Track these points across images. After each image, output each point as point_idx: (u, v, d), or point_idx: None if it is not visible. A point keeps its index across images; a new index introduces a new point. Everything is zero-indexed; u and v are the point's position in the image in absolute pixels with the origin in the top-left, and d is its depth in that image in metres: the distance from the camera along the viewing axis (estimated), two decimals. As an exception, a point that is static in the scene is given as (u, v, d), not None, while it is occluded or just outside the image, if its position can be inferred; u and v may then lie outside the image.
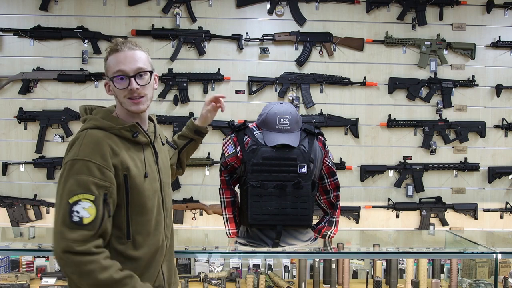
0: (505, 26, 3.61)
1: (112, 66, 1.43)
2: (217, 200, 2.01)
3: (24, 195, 3.42)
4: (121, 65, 1.41)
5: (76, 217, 1.29)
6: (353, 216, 3.51)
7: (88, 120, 1.43)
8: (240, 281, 2.58)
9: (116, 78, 1.42)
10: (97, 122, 1.41)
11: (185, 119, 3.42)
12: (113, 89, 1.45)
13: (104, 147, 1.36)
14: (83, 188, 1.31)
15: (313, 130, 1.95)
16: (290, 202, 1.87)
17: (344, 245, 2.19)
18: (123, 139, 1.43)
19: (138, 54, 1.44)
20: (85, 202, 1.30)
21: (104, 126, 1.41)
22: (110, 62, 1.44)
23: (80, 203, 1.30)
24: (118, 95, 1.44)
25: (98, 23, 3.45)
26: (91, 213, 1.30)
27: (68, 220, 1.29)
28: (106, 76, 1.47)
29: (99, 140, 1.37)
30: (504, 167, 3.59)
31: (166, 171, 1.60)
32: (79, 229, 1.29)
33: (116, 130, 1.41)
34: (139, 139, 1.46)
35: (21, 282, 2.55)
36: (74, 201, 1.30)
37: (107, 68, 1.45)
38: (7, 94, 3.42)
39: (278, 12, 3.51)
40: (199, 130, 1.84)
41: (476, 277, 2.58)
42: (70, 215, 1.29)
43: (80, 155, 1.33)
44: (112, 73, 1.43)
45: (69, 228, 1.28)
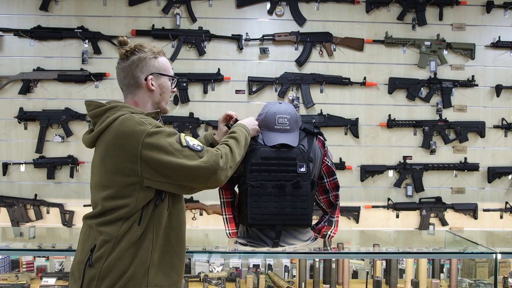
0: (505, 26, 3.62)
1: (168, 67, 1.61)
2: (217, 200, 2.01)
3: (24, 195, 3.42)
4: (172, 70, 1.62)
5: (198, 146, 1.47)
6: (353, 216, 3.51)
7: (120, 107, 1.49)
8: (240, 281, 2.58)
9: (175, 79, 1.63)
10: (131, 109, 1.50)
11: (185, 119, 3.42)
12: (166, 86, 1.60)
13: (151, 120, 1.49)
14: (175, 133, 1.47)
15: (312, 130, 1.95)
16: (289, 201, 1.87)
17: (344, 245, 2.20)
18: None
19: None
20: (187, 137, 1.49)
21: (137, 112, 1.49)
22: (164, 62, 1.60)
23: (187, 138, 1.48)
24: (167, 93, 1.61)
25: (98, 23, 3.45)
26: (198, 142, 1.50)
27: (197, 152, 1.45)
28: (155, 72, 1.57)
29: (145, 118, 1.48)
30: (504, 167, 3.59)
31: None
32: (203, 150, 1.47)
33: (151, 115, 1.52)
34: None
35: (21, 282, 2.56)
36: (185, 141, 1.46)
37: (161, 65, 1.58)
38: (7, 94, 3.42)
39: (278, 12, 3.52)
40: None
41: (476, 277, 2.58)
42: (194, 149, 1.46)
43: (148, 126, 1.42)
44: (170, 73, 1.61)
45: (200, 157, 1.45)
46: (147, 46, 1.57)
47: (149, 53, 1.56)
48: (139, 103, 1.56)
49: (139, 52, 1.55)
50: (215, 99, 3.51)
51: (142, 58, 1.54)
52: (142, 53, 1.55)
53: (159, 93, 1.58)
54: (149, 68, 1.55)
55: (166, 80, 1.59)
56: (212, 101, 3.50)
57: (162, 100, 1.59)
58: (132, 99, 1.56)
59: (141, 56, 1.54)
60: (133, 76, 1.54)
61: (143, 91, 1.56)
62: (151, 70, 1.56)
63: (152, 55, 1.56)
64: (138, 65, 1.54)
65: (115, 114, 1.46)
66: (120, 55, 1.55)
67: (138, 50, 1.55)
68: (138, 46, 1.56)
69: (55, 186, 3.43)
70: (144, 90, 1.55)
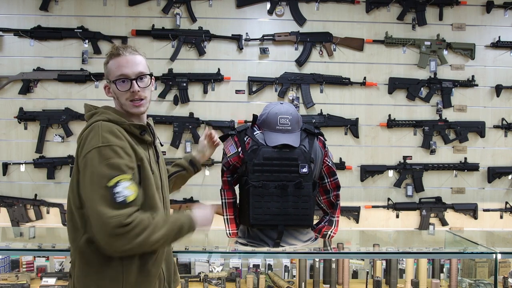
0: (505, 26, 3.62)
1: (114, 69, 1.49)
2: (217, 200, 2.01)
3: (24, 195, 3.42)
4: (123, 68, 1.48)
5: (120, 198, 1.32)
6: (353, 216, 3.51)
7: (99, 114, 1.47)
8: (240, 281, 2.58)
9: (119, 81, 1.49)
10: (109, 116, 1.45)
11: (185, 119, 3.42)
12: (115, 91, 1.51)
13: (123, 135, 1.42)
14: (118, 170, 1.34)
15: (313, 130, 1.95)
16: (291, 202, 1.87)
17: (344, 245, 2.19)
18: (131, 134, 1.47)
19: (139, 58, 1.52)
20: (124, 182, 1.34)
21: (116, 120, 1.45)
22: (111, 66, 1.50)
23: (120, 184, 1.33)
24: (120, 97, 1.50)
25: (98, 23, 3.45)
26: (133, 190, 1.35)
27: (112, 202, 1.31)
28: (106, 79, 1.53)
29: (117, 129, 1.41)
30: (504, 167, 3.59)
31: (164, 171, 1.67)
32: (124, 207, 1.32)
33: (127, 125, 1.46)
34: (145, 138, 1.51)
35: (21, 282, 2.55)
36: (113, 184, 1.32)
37: (108, 71, 1.52)
38: (7, 94, 3.42)
39: (278, 12, 3.52)
40: (193, 162, 1.89)
41: (476, 277, 2.58)
42: (113, 198, 1.31)
43: (104, 142, 1.36)
44: (114, 76, 1.49)
45: (116, 209, 1.31)
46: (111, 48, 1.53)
47: (106, 58, 1.53)
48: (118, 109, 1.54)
49: None
50: (215, 99, 3.51)
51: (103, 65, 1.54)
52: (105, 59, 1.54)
53: (116, 98, 1.53)
54: (105, 75, 1.54)
55: (113, 85, 1.51)
56: (212, 101, 3.50)
57: (122, 105, 1.52)
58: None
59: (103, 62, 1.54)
60: None
61: None
62: (105, 78, 1.54)
63: (106, 61, 1.53)
64: None
65: (94, 119, 1.45)
66: None
67: None
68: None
69: (55, 186, 3.43)
70: None
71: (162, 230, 1.39)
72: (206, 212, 1.58)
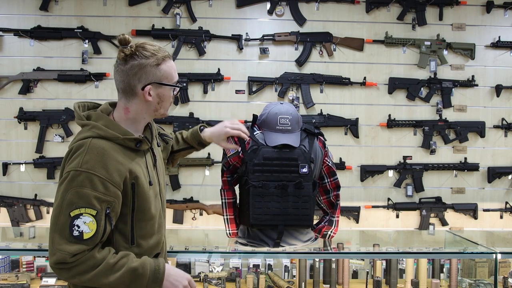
0: (505, 26, 3.62)
1: (172, 73, 1.44)
2: (217, 200, 2.01)
3: (24, 195, 3.42)
4: (176, 74, 1.46)
5: (76, 232, 1.27)
6: (353, 216, 3.51)
7: (90, 128, 1.37)
8: (240, 281, 2.58)
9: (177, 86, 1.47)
10: (101, 131, 1.36)
11: (185, 119, 3.42)
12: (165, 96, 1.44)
13: (109, 161, 1.32)
14: (85, 202, 1.28)
15: (313, 130, 1.95)
16: (291, 202, 1.87)
17: (344, 245, 2.19)
18: (126, 148, 1.40)
19: None
20: (87, 216, 1.28)
21: (109, 136, 1.36)
22: (168, 69, 1.42)
23: (82, 218, 1.27)
24: (167, 102, 1.46)
25: (98, 23, 3.45)
26: (91, 228, 1.28)
27: (68, 233, 1.27)
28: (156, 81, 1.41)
29: (104, 152, 1.33)
30: (504, 167, 3.59)
31: (162, 171, 1.60)
32: (77, 243, 1.27)
33: (120, 140, 1.37)
34: (142, 147, 1.44)
35: (21, 282, 2.55)
36: (75, 215, 1.27)
37: (162, 74, 1.41)
38: (7, 94, 3.42)
39: (278, 12, 3.52)
40: (202, 143, 1.83)
41: (476, 277, 2.58)
42: (70, 229, 1.27)
43: (83, 167, 1.29)
44: (174, 81, 1.45)
45: (68, 241, 1.27)
46: (150, 49, 1.39)
47: (152, 59, 1.38)
48: (131, 111, 1.43)
49: (140, 57, 1.37)
50: (215, 99, 3.51)
51: (143, 66, 1.37)
52: (143, 59, 1.37)
53: (157, 102, 1.43)
54: (148, 77, 1.39)
55: (167, 89, 1.43)
56: (212, 101, 3.50)
57: (160, 108, 1.46)
58: (124, 105, 1.43)
59: (142, 63, 1.37)
60: (129, 83, 1.39)
61: (138, 100, 1.41)
62: (150, 80, 1.39)
63: (155, 62, 1.39)
64: (136, 73, 1.38)
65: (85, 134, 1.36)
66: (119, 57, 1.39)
67: (139, 55, 1.37)
68: (140, 48, 1.38)
69: (55, 186, 3.42)
70: (140, 99, 1.41)
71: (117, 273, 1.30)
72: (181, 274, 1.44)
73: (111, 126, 1.38)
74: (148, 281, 1.35)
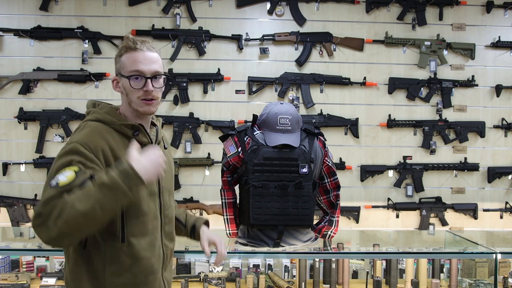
0: (505, 26, 3.62)
1: (128, 64, 1.40)
2: (217, 200, 2.01)
3: (24, 195, 3.42)
4: (139, 65, 1.39)
5: (53, 182, 1.23)
6: (353, 216, 3.51)
7: (91, 113, 1.43)
8: (240, 281, 2.57)
9: (133, 77, 1.40)
10: (99, 115, 1.40)
11: (185, 119, 3.42)
12: (126, 87, 1.42)
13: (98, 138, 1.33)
14: (69, 164, 1.27)
15: (313, 130, 1.95)
16: (291, 202, 1.87)
17: (344, 245, 2.19)
18: (123, 136, 1.40)
19: (156, 56, 1.43)
20: (68, 171, 1.25)
21: (106, 119, 1.39)
22: (126, 60, 1.41)
23: (63, 172, 1.25)
24: (131, 94, 1.41)
25: (98, 23, 3.45)
26: (69, 178, 1.23)
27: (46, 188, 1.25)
28: (117, 73, 1.44)
29: (96, 130, 1.35)
30: (504, 167, 3.59)
31: (167, 176, 1.53)
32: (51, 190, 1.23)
33: (117, 125, 1.39)
34: (139, 138, 1.42)
35: (21, 282, 2.55)
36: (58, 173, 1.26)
37: (121, 65, 1.42)
38: (7, 94, 3.42)
39: (278, 12, 3.52)
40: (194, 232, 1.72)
41: (476, 277, 2.58)
42: (49, 182, 1.25)
43: (74, 140, 1.33)
44: (128, 72, 1.40)
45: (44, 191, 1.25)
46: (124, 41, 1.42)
47: (118, 51, 1.44)
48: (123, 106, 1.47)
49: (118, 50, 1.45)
50: (215, 99, 3.51)
51: (115, 58, 1.45)
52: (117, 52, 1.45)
53: (126, 94, 1.43)
54: (116, 68, 1.45)
55: (124, 80, 1.41)
56: (212, 101, 3.50)
57: (130, 102, 1.42)
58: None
59: (115, 55, 1.46)
60: None
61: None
62: (116, 71, 1.44)
63: (118, 54, 1.43)
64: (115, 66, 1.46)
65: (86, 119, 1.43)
66: None
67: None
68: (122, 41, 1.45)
69: (55, 186, 3.43)
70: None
71: (92, 197, 1.20)
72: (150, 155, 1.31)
73: (111, 113, 1.42)
74: (124, 183, 1.22)
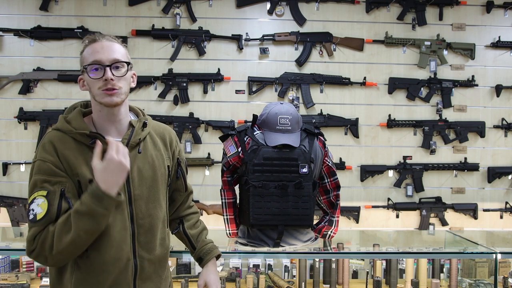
0: (505, 26, 3.62)
1: (87, 56, 1.36)
2: (217, 200, 2.01)
3: (25, 195, 3.41)
4: (97, 54, 1.34)
5: (31, 215, 1.29)
6: (353, 216, 3.51)
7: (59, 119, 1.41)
8: (240, 281, 2.57)
9: (92, 68, 1.34)
10: (59, 124, 1.39)
11: (185, 119, 3.42)
12: (87, 80, 1.37)
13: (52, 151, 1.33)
14: (37, 186, 1.30)
15: (313, 130, 1.95)
16: (291, 202, 1.87)
17: (344, 245, 2.19)
18: (82, 144, 1.36)
19: (116, 45, 1.39)
20: (39, 198, 1.29)
21: (63, 128, 1.37)
22: (85, 53, 1.37)
23: (35, 201, 1.29)
24: (92, 87, 1.35)
25: (98, 23, 3.45)
26: (43, 208, 1.28)
27: (28, 220, 1.30)
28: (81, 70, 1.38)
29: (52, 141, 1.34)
30: (504, 167, 3.59)
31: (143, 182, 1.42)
32: (33, 226, 1.28)
33: (74, 134, 1.35)
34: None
35: (22, 282, 2.55)
36: (31, 200, 1.30)
37: (82, 59, 1.38)
38: (7, 94, 3.42)
39: (278, 12, 3.52)
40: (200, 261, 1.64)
41: (476, 277, 2.58)
42: (28, 214, 1.30)
43: (36, 157, 1.34)
44: (87, 63, 1.35)
45: (29, 227, 1.30)
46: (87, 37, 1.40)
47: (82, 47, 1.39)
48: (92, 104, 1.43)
49: None
50: (215, 99, 3.51)
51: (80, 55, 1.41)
52: None
53: (89, 89, 1.38)
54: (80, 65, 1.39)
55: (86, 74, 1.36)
56: (212, 101, 3.50)
57: (94, 96, 1.37)
58: None
59: None
60: None
61: None
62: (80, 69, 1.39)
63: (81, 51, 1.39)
64: None
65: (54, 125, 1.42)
66: None
67: None
68: None
69: (55, 186, 3.43)
70: None
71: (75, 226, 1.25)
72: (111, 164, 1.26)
73: (73, 120, 1.38)
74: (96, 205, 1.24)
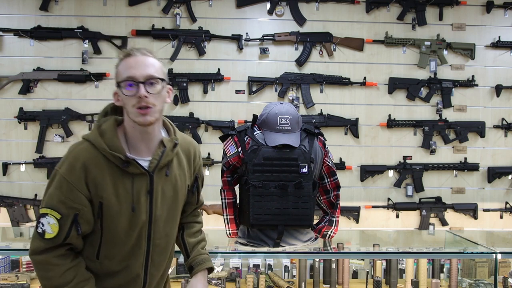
0: (505, 26, 3.62)
1: (122, 72, 1.33)
2: (217, 200, 2.01)
3: (24, 195, 3.42)
4: (131, 70, 1.30)
5: (40, 229, 1.32)
6: (353, 216, 3.51)
7: (93, 128, 1.37)
8: (240, 281, 2.57)
9: (125, 84, 1.31)
10: (92, 136, 1.35)
11: (185, 119, 3.42)
12: (122, 97, 1.33)
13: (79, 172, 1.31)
14: (53, 203, 1.32)
15: (313, 130, 1.95)
16: (291, 202, 1.87)
17: (344, 245, 2.19)
18: (111, 162, 1.33)
19: (151, 60, 1.34)
20: (51, 218, 1.31)
21: (96, 144, 1.33)
22: (120, 68, 1.33)
23: (47, 217, 1.31)
24: (127, 104, 1.32)
25: (98, 23, 3.45)
26: (53, 230, 1.31)
27: (35, 227, 1.34)
28: (116, 84, 1.35)
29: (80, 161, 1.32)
30: (503, 167, 3.59)
31: (165, 202, 1.44)
32: (40, 240, 1.33)
33: (107, 153, 1.32)
34: (129, 170, 1.34)
35: (21, 282, 2.55)
36: (43, 213, 1.32)
37: (116, 74, 1.34)
38: (7, 94, 3.42)
39: (278, 12, 3.52)
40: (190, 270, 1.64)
41: (476, 277, 2.58)
42: (37, 224, 1.33)
43: (62, 169, 1.33)
44: (121, 79, 1.32)
45: (34, 236, 1.34)
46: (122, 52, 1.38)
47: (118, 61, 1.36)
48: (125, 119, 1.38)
49: None
50: (215, 99, 3.51)
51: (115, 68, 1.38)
52: None
53: (124, 106, 1.34)
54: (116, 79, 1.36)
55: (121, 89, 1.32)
56: (212, 101, 3.50)
57: (128, 113, 1.34)
58: None
59: None
60: None
61: None
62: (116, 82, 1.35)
63: (117, 63, 1.36)
64: None
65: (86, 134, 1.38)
66: None
67: None
68: None
69: (55, 186, 3.43)
70: None
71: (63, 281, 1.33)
72: None
73: (107, 132, 1.34)
74: None
